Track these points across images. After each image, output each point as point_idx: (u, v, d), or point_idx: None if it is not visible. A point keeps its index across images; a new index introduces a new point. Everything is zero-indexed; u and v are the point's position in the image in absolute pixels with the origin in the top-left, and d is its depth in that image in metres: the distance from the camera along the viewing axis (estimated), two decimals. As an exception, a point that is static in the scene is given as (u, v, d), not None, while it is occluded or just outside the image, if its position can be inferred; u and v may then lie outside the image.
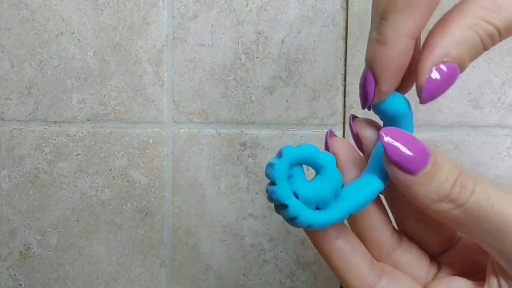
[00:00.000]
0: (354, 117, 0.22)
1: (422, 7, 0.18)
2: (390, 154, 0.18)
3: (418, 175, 0.18)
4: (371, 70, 0.19)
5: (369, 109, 0.20)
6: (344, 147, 0.21)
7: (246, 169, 0.36)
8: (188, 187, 0.36)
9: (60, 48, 0.36)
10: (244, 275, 0.36)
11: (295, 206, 0.19)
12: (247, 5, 0.35)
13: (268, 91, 0.36)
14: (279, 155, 0.19)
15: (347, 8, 0.35)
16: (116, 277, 0.36)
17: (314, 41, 0.35)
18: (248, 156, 0.36)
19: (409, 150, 0.18)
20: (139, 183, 0.36)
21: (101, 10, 0.36)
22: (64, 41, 0.36)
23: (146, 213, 0.36)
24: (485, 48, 0.19)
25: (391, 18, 0.18)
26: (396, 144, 0.18)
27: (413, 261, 0.21)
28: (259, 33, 0.35)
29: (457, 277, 0.20)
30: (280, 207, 0.19)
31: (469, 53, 0.18)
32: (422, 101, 0.18)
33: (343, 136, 0.35)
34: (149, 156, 0.36)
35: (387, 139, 0.18)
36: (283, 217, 0.19)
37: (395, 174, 0.18)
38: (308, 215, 0.19)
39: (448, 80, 0.18)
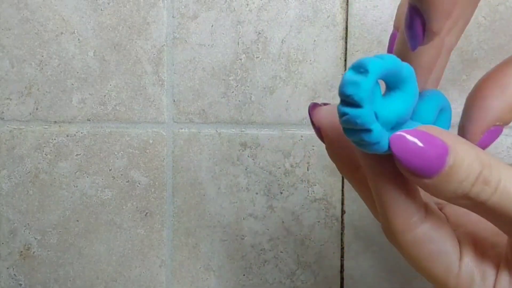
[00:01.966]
0: (314, 105, 0.20)
1: None
2: (402, 164, 0.16)
3: (435, 178, 0.16)
4: (416, 9, 0.17)
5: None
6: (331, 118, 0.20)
7: (246, 169, 0.36)
8: (188, 187, 0.36)
9: (60, 48, 0.36)
10: (244, 275, 0.36)
11: (379, 130, 0.16)
12: (247, 5, 0.35)
13: (268, 91, 0.36)
14: (363, 70, 0.16)
15: (347, 8, 0.35)
16: (116, 277, 0.36)
17: (314, 41, 0.35)
18: (248, 156, 0.36)
19: (423, 156, 0.16)
20: (139, 183, 0.36)
21: (101, 10, 0.36)
22: (64, 41, 0.36)
23: (146, 213, 0.36)
24: None
25: None
26: (408, 154, 0.16)
27: (440, 238, 0.20)
28: (259, 33, 0.35)
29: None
30: (362, 132, 0.16)
31: None
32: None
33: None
34: (149, 156, 0.36)
35: (396, 148, 0.16)
36: (360, 142, 0.17)
37: (409, 177, 0.17)
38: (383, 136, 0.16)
39: (494, 139, 0.18)
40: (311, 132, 0.36)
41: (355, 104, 0.16)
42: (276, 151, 0.36)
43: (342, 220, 0.36)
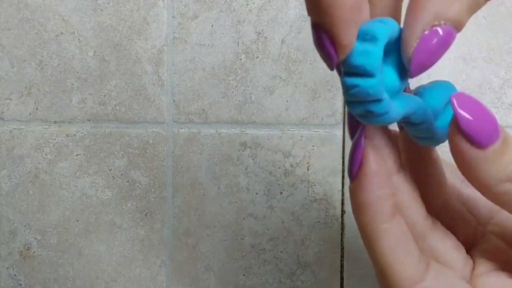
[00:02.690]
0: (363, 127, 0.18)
1: None
2: (462, 124, 0.15)
3: (488, 150, 0.15)
4: (320, 26, 0.15)
5: (337, 69, 0.17)
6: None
7: (246, 169, 0.36)
8: (188, 187, 0.36)
9: (60, 48, 0.36)
10: (244, 275, 0.36)
11: (388, 99, 0.15)
12: (247, 5, 0.35)
13: (268, 91, 0.36)
14: (370, 36, 0.15)
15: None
16: (116, 277, 0.36)
17: (314, 41, 0.35)
18: (248, 156, 0.36)
19: (481, 121, 0.15)
20: (139, 183, 0.36)
21: (101, 10, 0.36)
22: (64, 41, 0.36)
23: (146, 213, 0.36)
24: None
25: None
26: (470, 114, 0.15)
27: (450, 249, 0.19)
28: (259, 33, 0.35)
29: (502, 274, 0.18)
30: (371, 102, 0.15)
31: (467, 9, 0.15)
32: (412, 75, 0.16)
33: (343, 136, 0.35)
34: (149, 156, 0.36)
35: (459, 105, 0.16)
36: (366, 114, 0.16)
37: (462, 146, 0.16)
38: (394, 107, 0.16)
39: (441, 48, 0.15)
40: (311, 132, 0.36)
41: (366, 74, 0.15)
42: (276, 151, 0.36)
43: (342, 220, 0.36)
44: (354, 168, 0.17)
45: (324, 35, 0.15)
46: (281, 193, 0.36)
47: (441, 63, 0.36)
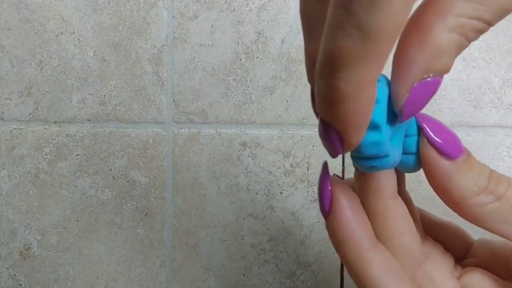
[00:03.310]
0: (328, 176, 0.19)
1: (385, 48, 0.13)
2: (429, 136, 0.17)
3: (457, 161, 0.17)
4: (330, 125, 0.15)
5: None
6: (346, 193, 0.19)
7: (246, 169, 0.36)
8: (188, 187, 0.36)
9: (60, 48, 0.36)
10: (244, 275, 0.36)
11: (393, 154, 0.16)
12: (247, 5, 0.35)
13: (268, 91, 0.36)
14: (373, 125, 0.15)
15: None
16: (116, 277, 0.36)
17: (314, 41, 0.35)
18: (248, 156, 0.36)
19: (446, 135, 0.17)
20: (139, 183, 0.36)
21: (101, 10, 0.36)
22: (64, 41, 0.36)
23: (146, 213, 0.36)
24: (471, 41, 0.15)
25: (343, 68, 0.13)
26: (435, 129, 0.17)
27: (445, 277, 0.20)
28: (259, 33, 0.35)
29: (483, 272, 0.19)
30: (379, 158, 0.16)
31: (454, 57, 0.15)
32: (401, 121, 0.16)
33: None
34: (149, 156, 0.36)
35: (423, 121, 0.17)
36: (373, 168, 0.17)
37: (433, 157, 0.17)
38: (396, 154, 0.17)
39: (430, 95, 0.15)
40: (311, 132, 0.36)
41: (380, 157, 0.16)
42: (276, 151, 0.36)
43: (342, 220, 0.36)
44: (326, 205, 0.18)
45: (333, 133, 0.15)
46: (281, 193, 0.36)
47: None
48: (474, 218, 0.17)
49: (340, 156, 0.35)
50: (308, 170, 0.36)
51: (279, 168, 0.36)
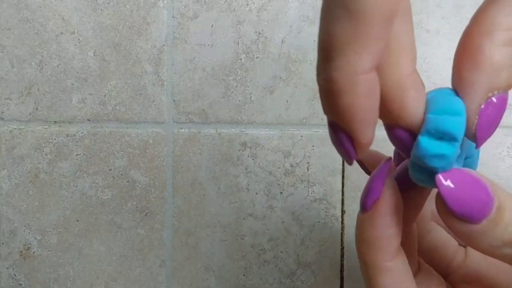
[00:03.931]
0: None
1: (376, 30, 0.13)
2: (452, 205, 0.15)
3: (482, 223, 0.15)
4: (337, 125, 0.15)
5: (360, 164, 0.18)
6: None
7: (246, 169, 0.36)
8: (188, 187, 0.36)
9: (60, 48, 0.36)
10: (244, 275, 0.36)
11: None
12: (247, 5, 0.35)
13: (268, 91, 0.36)
14: (448, 137, 0.14)
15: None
16: (116, 277, 0.36)
17: (314, 41, 0.35)
18: (248, 156, 0.36)
19: (473, 196, 0.15)
20: (139, 183, 0.36)
21: (101, 10, 0.36)
22: (64, 41, 0.36)
23: (146, 213, 0.36)
24: None
25: (336, 57, 0.13)
26: (458, 191, 0.15)
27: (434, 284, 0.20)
28: (259, 33, 0.35)
29: None
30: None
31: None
32: (477, 147, 0.15)
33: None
34: (149, 156, 0.36)
35: (447, 184, 0.15)
36: (430, 186, 0.15)
37: (452, 224, 0.15)
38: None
39: (499, 114, 0.15)
40: (311, 132, 0.36)
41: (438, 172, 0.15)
42: (276, 151, 0.36)
43: (342, 220, 0.36)
44: (370, 200, 0.17)
45: (342, 134, 0.15)
46: (281, 193, 0.36)
47: (442, 64, 0.36)
48: (498, 259, 0.17)
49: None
50: (308, 170, 0.36)
51: (279, 168, 0.36)
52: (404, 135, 0.15)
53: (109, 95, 0.36)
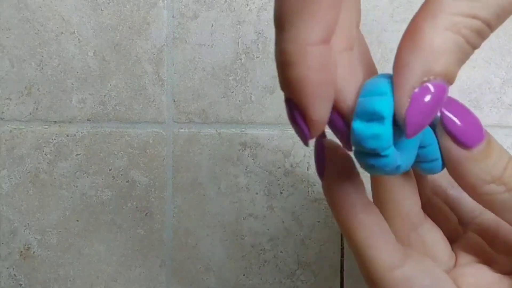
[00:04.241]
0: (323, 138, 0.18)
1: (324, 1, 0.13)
2: (449, 125, 0.16)
3: (473, 150, 0.16)
4: (291, 101, 0.15)
5: (318, 145, 0.18)
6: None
7: (246, 169, 0.36)
8: (188, 187, 0.36)
9: (60, 48, 0.36)
10: (244, 275, 0.36)
11: (396, 156, 0.16)
12: (247, 5, 0.35)
13: (268, 91, 0.36)
14: (378, 117, 0.14)
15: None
16: (116, 277, 0.36)
17: (314, 41, 0.35)
18: (248, 156, 0.36)
19: (466, 122, 0.16)
20: (139, 183, 0.36)
21: (101, 10, 0.36)
22: (64, 41, 0.36)
23: (146, 213, 0.36)
24: (475, 48, 0.14)
25: (288, 27, 0.13)
26: (455, 117, 0.16)
27: (438, 241, 0.20)
28: (259, 33, 0.35)
29: (483, 266, 0.19)
30: (380, 156, 0.15)
31: (456, 61, 0.14)
32: (408, 136, 0.15)
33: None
34: (149, 156, 0.36)
35: (446, 108, 0.16)
36: (369, 165, 0.16)
37: (449, 147, 0.17)
38: (400, 159, 0.16)
39: (435, 104, 0.14)
40: (311, 132, 0.36)
41: (380, 155, 0.15)
42: (276, 151, 0.36)
43: (342, 220, 0.36)
44: (320, 166, 0.18)
45: (296, 111, 0.15)
46: (281, 193, 0.36)
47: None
48: (483, 203, 0.18)
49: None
50: (308, 170, 0.36)
51: (279, 168, 0.36)
52: (339, 121, 0.16)
53: (109, 95, 0.36)
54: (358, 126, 0.15)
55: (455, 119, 0.16)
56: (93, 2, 0.35)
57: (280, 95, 0.35)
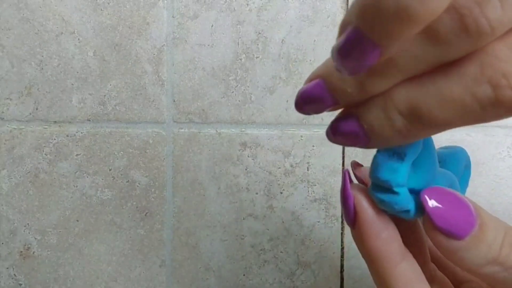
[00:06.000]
0: (356, 165, 0.18)
1: None
2: (436, 221, 0.16)
3: (465, 240, 0.16)
4: (363, 34, 0.13)
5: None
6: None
7: (246, 169, 0.36)
8: (188, 187, 0.36)
9: (60, 48, 0.36)
10: (244, 275, 0.36)
11: (410, 200, 0.16)
12: (247, 5, 0.35)
13: (268, 91, 0.36)
14: (400, 155, 0.15)
15: (347, 8, 0.35)
16: (116, 277, 0.36)
17: (314, 41, 0.35)
18: (248, 156, 0.36)
19: (456, 213, 0.16)
20: (139, 183, 0.36)
21: (101, 10, 0.36)
22: (64, 41, 0.36)
23: (146, 213, 0.36)
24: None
25: None
26: (442, 209, 0.16)
27: None
28: (259, 33, 0.35)
29: None
30: (392, 193, 0.16)
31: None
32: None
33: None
34: (149, 156, 0.36)
35: (431, 203, 0.16)
36: (380, 200, 0.16)
37: (439, 240, 0.16)
38: (412, 205, 0.17)
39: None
40: (311, 132, 0.36)
41: (392, 191, 0.16)
42: (276, 151, 0.36)
43: (342, 220, 0.36)
44: (350, 216, 0.17)
45: (366, 41, 0.13)
46: (281, 193, 0.36)
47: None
48: (484, 281, 0.17)
49: (340, 155, 0.35)
50: (308, 170, 0.36)
51: (279, 168, 0.36)
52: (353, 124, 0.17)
53: (109, 95, 0.36)
54: (380, 155, 0.16)
55: (442, 212, 0.16)
56: (93, 2, 0.35)
57: (280, 95, 0.35)
